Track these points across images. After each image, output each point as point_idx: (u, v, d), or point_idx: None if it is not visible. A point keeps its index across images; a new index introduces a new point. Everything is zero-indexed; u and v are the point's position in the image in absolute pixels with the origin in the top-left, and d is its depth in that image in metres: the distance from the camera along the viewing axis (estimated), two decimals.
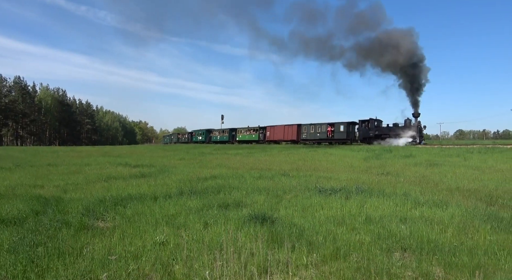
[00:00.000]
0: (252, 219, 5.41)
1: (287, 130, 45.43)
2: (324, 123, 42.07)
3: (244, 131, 53.63)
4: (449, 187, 9.08)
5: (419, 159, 18.44)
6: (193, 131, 69.01)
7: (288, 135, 45.29)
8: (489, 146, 26.79)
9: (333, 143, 41.22)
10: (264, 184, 9.60)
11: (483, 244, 4.36)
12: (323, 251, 4.08)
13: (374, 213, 6.03)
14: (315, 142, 42.85)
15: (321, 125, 42.29)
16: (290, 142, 45.69)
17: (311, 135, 43.12)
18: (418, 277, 3.40)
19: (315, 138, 42.73)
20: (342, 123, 40.30)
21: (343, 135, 40.17)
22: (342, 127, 40.20)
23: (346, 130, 39.95)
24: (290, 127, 45.32)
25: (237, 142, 53.97)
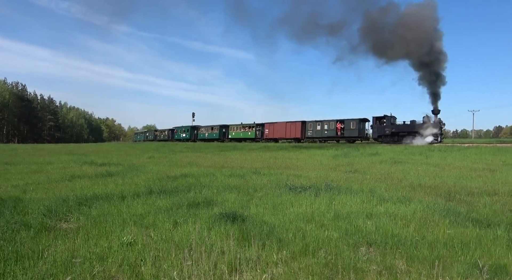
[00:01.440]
0: (223, 217, 5.39)
1: (289, 128, 42.85)
2: (332, 120, 39.55)
3: (238, 128, 50.69)
4: (412, 183, 9.51)
5: (385, 156, 19.18)
6: (175, 128, 64.63)
7: (290, 133, 42.69)
8: (449, 144, 28.37)
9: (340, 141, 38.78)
10: (235, 182, 9.59)
11: (442, 238, 4.62)
12: (292, 248, 4.14)
13: (342, 210, 6.20)
14: (322, 140, 40.35)
15: (329, 122, 39.72)
16: (293, 140, 43.04)
17: (318, 133, 40.53)
18: (382, 271, 3.54)
19: (322, 136, 40.12)
20: (353, 120, 37.77)
21: (355, 133, 37.57)
22: (353, 124, 37.56)
23: (358, 127, 37.30)
24: (293, 124, 42.80)
25: (230, 140, 50.58)
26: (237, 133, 50.44)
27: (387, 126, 35.42)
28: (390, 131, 35.00)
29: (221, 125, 53.49)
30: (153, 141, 69.57)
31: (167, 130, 68.31)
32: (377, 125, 36.53)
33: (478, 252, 4.07)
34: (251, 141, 47.59)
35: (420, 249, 4.15)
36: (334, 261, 3.74)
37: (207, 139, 54.95)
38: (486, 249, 4.19)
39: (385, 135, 35.28)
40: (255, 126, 47.99)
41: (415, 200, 6.99)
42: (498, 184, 9.44)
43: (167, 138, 65.64)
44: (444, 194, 7.94)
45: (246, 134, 48.99)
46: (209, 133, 55.28)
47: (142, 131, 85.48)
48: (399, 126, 35.00)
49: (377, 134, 35.96)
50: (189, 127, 59.62)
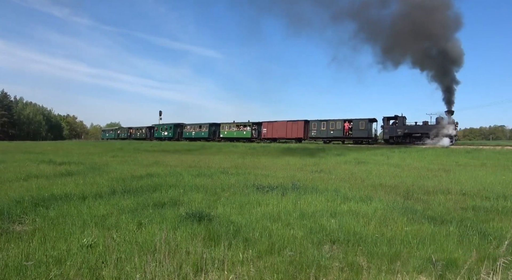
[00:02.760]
0: (189, 218, 5.33)
1: (290, 127, 40.86)
2: (339, 120, 37.79)
3: (231, 127, 47.36)
4: (374, 183, 9.92)
5: (349, 157, 19.83)
6: (155, 125, 58.97)
7: (292, 132, 40.73)
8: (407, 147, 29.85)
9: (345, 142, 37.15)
10: (203, 181, 9.50)
11: (400, 234, 4.86)
12: (259, 247, 4.18)
13: (308, 209, 6.34)
14: (326, 140, 38.54)
15: (336, 122, 37.89)
16: (295, 140, 41.00)
17: (322, 132, 38.56)
18: (345, 267, 3.67)
19: (327, 136, 38.17)
20: (362, 120, 35.87)
21: (364, 134, 35.72)
22: (362, 124, 35.69)
23: (367, 127, 35.57)
24: (295, 124, 40.77)
25: (221, 139, 47.53)
26: (230, 133, 47.04)
27: (399, 127, 33.38)
28: (403, 133, 33.10)
29: (210, 124, 49.83)
30: (126, 139, 63.76)
31: (145, 128, 62.25)
32: (388, 126, 34.61)
33: (432, 248, 4.33)
34: (246, 140, 44.56)
35: (379, 245, 4.34)
36: (299, 259, 3.82)
37: (194, 138, 50.75)
38: (440, 244, 4.46)
39: (396, 137, 33.47)
40: (251, 125, 45.25)
41: (376, 199, 7.30)
42: (451, 183, 10.07)
43: (145, 137, 60.31)
44: (403, 193, 8.35)
45: (240, 133, 45.76)
46: (197, 132, 51.03)
47: (113, 129, 75.52)
48: (412, 127, 33.11)
49: (389, 135, 34.14)
50: (172, 125, 54.89)
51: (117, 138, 67.92)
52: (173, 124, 54.77)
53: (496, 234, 4.91)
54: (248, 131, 45.37)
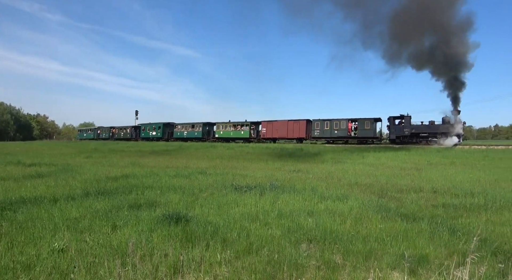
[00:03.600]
0: (166, 219, 5.24)
1: (291, 127, 39.74)
2: (343, 119, 36.91)
3: (227, 127, 45.23)
4: (350, 182, 10.13)
5: (326, 157, 20.16)
6: (142, 124, 55.65)
7: (293, 132, 39.62)
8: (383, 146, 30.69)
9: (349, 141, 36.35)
10: (180, 182, 9.38)
11: (375, 232, 4.98)
12: (237, 247, 4.17)
13: (286, 208, 6.39)
14: (330, 141, 37.74)
15: (340, 121, 36.96)
16: (296, 140, 40.07)
17: (326, 132, 37.52)
18: (321, 265, 3.72)
19: (331, 136, 37.28)
20: (368, 119, 35.17)
21: (369, 133, 35.03)
22: (368, 124, 34.97)
23: (372, 127, 35.01)
24: (296, 123, 39.60)
25: (216, 139, 45.32)
26: (226, 132, 45.11)
27: (406, 126, 32.79)
28: (410, 132, 32.53)
29: (204, 123, 47.70)
30: (107, 139, 59.52)
31: (130, 128, 58.40)
32: (394, 125, 34.07)
33: (405, 244, 4.46)
34: (244, 140, 42.97)
35: (355, 243, 4.43)
36: (277, 259, 3.84)
37: (186, 138, 48.21)
38: (412, 241, 4.61)
39: (403, 136, 32.90)
40: (249, 125, 43.42)
41: (352, 197, 7.45)
42: (423, 181, 10.45)
43: (130, 137, 56.32)
44: (377, 191, 8.58)
45: (238, 133, 43.82)
46: (189, 132, 48.40)
47: (91, 128, 69.29)
48: (419, 127, 32.58)
49: (395, 135, 33.55)
50: (161, 124, 51.88)
51: (97, 138, 63.06)
52: (163, 124, 51.83)
53: (464, 230, 5.12)
54: (246, 131, 43.44)
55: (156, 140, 51.13)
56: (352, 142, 36.95)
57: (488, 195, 7.92)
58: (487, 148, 26.12)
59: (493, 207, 6.74)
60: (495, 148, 26.09)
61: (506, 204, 6.92)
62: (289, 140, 41.41)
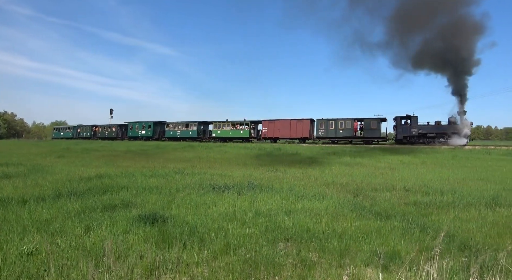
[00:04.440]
0: (142, 220, 5.16)
1: (294, 126, 38.89)
2: (348, 119, 36.53)
3: (225, 126, 43.52)
4: (326, 181, 10.32)
5: (303, 156, 20.42)
6: (129, 123, 52.21)
7: (296, 131, 38.73)
8: (357, 145, 31.42)
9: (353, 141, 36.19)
10: (157, 182, 9.24)
11: (350, 230, 5.11)
12: (214, 247, 4.17)
13: (263, 207, 6.43)
14: (335, 140, 37.16)
15: (345, 121, 36.52)
16: (299, 140, 39.19)
17: (330, 132, 36.96)
18: (298, 263, 3.77)
19: (336, 136, 36.74)
20: (374, 119, 35.10)
21: (376, 133, 34.83)
22: (374, 124, 34.82)
23: (379, 127, 34.79)
24: (299, 122, 38.74)
25: (213, 139, 43.73)
26: (224, 132, 43.40)
27: (413, 127, 32.82)
28: (417, 133, 32.52)
29: (200, 122, 45.90)
30: (89, 138, 55.43)
31: (116, 126, 54.52)
32: (401, 125, 34.08)
33: (378, 241, 4.61)
34: (244, 140, 41.71)
35: (331, 241, 4.53)
36: (254, 258, 3.86)
37: (179, 138, 46.02)
38: (385, 238, 4.77)
39: (411, 137, 32.93)
40: (249, 124, 42.07)
41: (328, 196, 7.60)
42: (396, 180, 10.80)
43: (116, 136, 52.91)
44: (352, 190, 8.79)
45: (237, 133, 42.44)
46: (183, 131, 46.21)
47: (70, 127, 63.02)
48: (426, 128, 32.65)
49: (402, 135, 33.47)
50: (151, 122, 49.29)
51: (76, 137, 58.41)
52: (153, 122, 49.28)
53: (434, 226, 5.35)
54: (246, 130, 42.04)
55: (145, 139, 48.45)
56: (357, 142, 36.59)
57: (456, 193, 8.28)
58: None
59: (460, 204, 7.07)
60: (463, 148, 27.31)
61: (472, 202, 7.26)
62: (291, 140, 40.38)
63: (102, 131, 55.91)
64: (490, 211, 6.57)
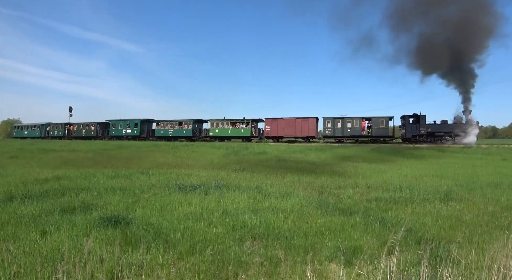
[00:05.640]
0: (104, 222, 4.96)
1: (299, 125, 37.74)
2: (356, 117, 36.29)
3: (224, 124, 41.38)
4: (293, 179, 10.50)
5: (271, 155, 20.62)
6: (112, 121, 48.25)
7: (302, 130, 37.65)
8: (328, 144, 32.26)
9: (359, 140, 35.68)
10: (120, 183, 8.93)
11: (315, 227, 5.23)
12: (180, 248, 4.10)
13: (230, 206, 6.42)
14: (342, 139, 36.63)
15: (352, 120, 36.19)
16: (304, 139, 38.21)
17: (338, 131, 36.33)
18: (264, 262, 3.81)
19: (344, 135, 36.26)
20: (382, 118, 34.99)
21: (384, 132, 34.91)
22: (382, 123, 34.69)
23: (387, 126, 34.81)
24: (305, 121, 37.74)
25: (210, 138, 41.73)
26: (222, 130, 41.37)
27: (422, 126, 33.16)
28: (426, 131, 32.95)
29: (195, 120, 43.51)
30: (61, 138, 50.81)
31: (95, 124, 49.68)
32: (409, 124, 34.28)
33: (341, 237, 4.76)
34: (245, 139, 40.25)
35: (296, 238, 4.61)
36: (221, 257, 3.85)
37: (171, 137, 43.42)
38: (348, 234, 4.93)
39: (419, 135, 33.22)
40: (250, 122, 40.54)
41: (295, 194, 7.73)
42: (358, 177, 11.20)
43: (95, 135, 48.58)
44: (318, 188, 9.00)
45: (237, 132, 40.79)
46: (175, 130, 43.57)
47: (38, 125, 56.84)
48: (435, 126, 33.24)
49: (411, 134, 33.67)
50: (138, 120, 45.71)
51: (45, 137, 52.81)
52: (140, 120, 45.81)
53: (393, 221, 5.61)
54: (246, 129, 40.46)
55: (131, 138, 45.09)
56: (364, 140, 36.42)
57: (413, 189, 8.75)
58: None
59: (418, 199, 7.47)
60: (421, 146, 28.93)
61: (428, 197, 7.70)
62: (294, 139, 39.41)
63: (78, 130, 51.09)
64: (443, 205, 7.00)
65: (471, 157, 20.39)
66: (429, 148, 26.86)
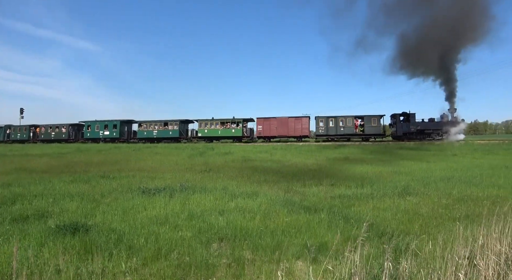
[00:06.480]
0: (61, 230, 4.68)
1: (292, 124, 37.54)
2: (349, 116, 36.76)
3: (213, 124, 40.09)
4: (259, 179, 10.54)
5: (237, 155, 20.57)
6: (85, 122, 44.66)
7: (295, 130, 37.41)
8: (289, 143, 32.75)
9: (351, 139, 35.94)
10: (79, 188, 8.48)
11: (282, 225, 5.28)
12: (144, 254, 3.96)
13: (197, 209, 6.31)
14: (335, 138, 36.68)
15: (345, 118, 36.62)
16: (297, 139, 37.75)
17: (331, 130, 36.73)
18: (232, 263, 3.78)
19: (337, 134, 36.62)
20: (374, 116, 35.89)
21: (377, 130, 35.69)
22: (375, 121, 35.65)
23: (379, 124, 35.62)
24: (298, 120, 37.58)
25: (198, 139, 40.39)
26: (212, 131, 39.89)
27: (412, 124, 34.66)
28: (416, 129, 34.50)
29: (182, 120, 41.64)
30: (27, 141, 46.71)
31: (67, 126, 45.75)
32: (400, 122, 35.66)
33: (307, 235, 4.84)
34: (236, 140, 39.36)
35: (264, 238, 4.63)
36: (187, 261, 3.77)
37: (155, 139, 41.34)
38: (313, 231, 5.03)
39: (410, 133, 34.68)
40: (241, 122, 39.51)
41: (261, 194, 7.77)
42: (322, 175, 11.47)
43: (67, 138, 44.94)
44: (284, 187, 9.11)
45: (227, 132, 39.48)
46: (160, 131, 41.44)
47: None
48: (424, 124, 34.78)
49: (402, 132, 35.10)
50: (118, 121, 42.70)
51: (5, 141, 48.41)
52: (120, 121, 42.85)
53: (356, 217, 5.80)
54: (238, 129, 39.32)
55: (109, 141, 42.30)
56: (356, 139, 36.78)
57: (374, 185, 9.11)
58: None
59: (378, 195, 7.79)
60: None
61: (387, 192, 8.06)
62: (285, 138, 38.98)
63: (46, 133, 46.72)
64: (402, 200, 7.36)
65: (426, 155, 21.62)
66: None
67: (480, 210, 5.89)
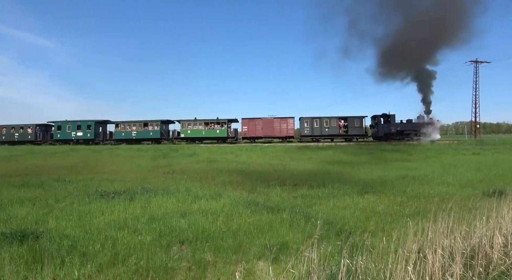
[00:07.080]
0: (7, 238, 4.38)
1: (278, 125, 37.64)
2: (333, 117, 37.69)
3: (197, 125, 38.96)
4: (223, 180, 10.49)
5: (201, 157, 20.36)
6: (55, 122, 41.21)
7: (280, 131, 37.47)
8: (253, 144, 32.91)
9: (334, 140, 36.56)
10: (30, 193, 7.97)
11: (244, 226, 5.29)
12: (99, 260, 3.80)
13: (158, 211, 6.16)
14: (320, 139, 37.15)
15: (330, 119, 37.53)
16: (282, 139, 37.78)
17: (316, 130, 37.48)
18: (192, 266, 3.73)
19: (322, 134, 37.36)
20: (357, 117, 37.17)
21: (360, 131, 37.06)
22: (358, 122, 36.91)
23: (361, 125, 36.87)
24: (283, 121, 37.77)
25: (181, 140, 39.23)
26: (195, 131, 38.78)
27: (393, 125, 36.23)
28: (396, 130, 35.93)
29: (163, 120, 40.14)
30: None
31: (33, 126, 42.09)
32: (381, 124, 37.03)
33: (269, 235, 4.89)
34: (219, 140, 38.62)
35: (225, 239, 4.61)
36: (146, 266, 3.66)
37: (134, 140, 39.54)
38: (275, 231, 5.08)
39: (390, 134, 36.10)
40: (226, 122, 38.82)
41: (225, 195, 7.74)
42: (286, 176, 11.66)
43: (34, 140, 41.43)
44: (248, 188, 9.14)
45: (212, 132, 38.61)
46: (140, 132, 39.66)
47: None
48: (404, 125, 36.45)
49: (383, 132, 36.47)
50: (92, 122, 40.09)
51: None
52: (94, 122, 40.23)
53: (317, 216, 5.94)
54: (222, 130, 38.62)
55: (83, 143, 39.79)
56: (339, 140, 37.48)
57: (335, 184, 9.39)
58: None
59: (338, 194, 8.05)
60: (341, 144, 31.33)
61: (346, 191, 8.35)
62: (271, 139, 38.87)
63: (8, 134, 42.37)
64: (360, 198, 7.65)
65: None
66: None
67: (430, 206, 6.27)
